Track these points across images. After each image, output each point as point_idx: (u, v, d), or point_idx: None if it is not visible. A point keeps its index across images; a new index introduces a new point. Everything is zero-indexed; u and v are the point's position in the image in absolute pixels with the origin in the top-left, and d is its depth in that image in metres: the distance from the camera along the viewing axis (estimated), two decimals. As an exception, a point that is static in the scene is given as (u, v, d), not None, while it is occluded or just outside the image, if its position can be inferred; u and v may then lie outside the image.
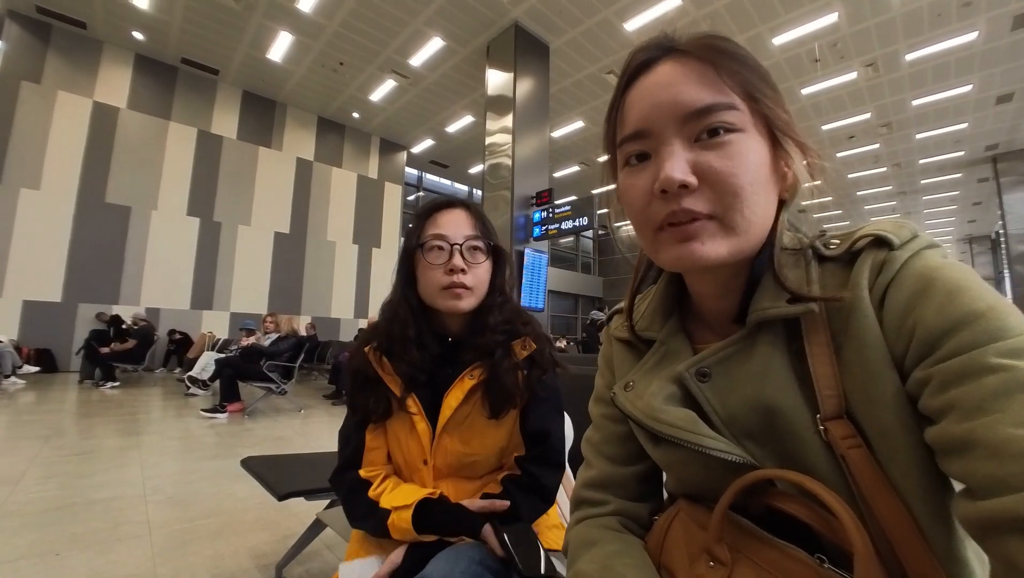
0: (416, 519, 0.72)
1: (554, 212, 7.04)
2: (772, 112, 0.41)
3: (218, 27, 7.92)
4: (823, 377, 0.39)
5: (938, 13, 6.88)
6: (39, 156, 7.80)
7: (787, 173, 0.43)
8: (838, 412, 0.38)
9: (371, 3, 7.10)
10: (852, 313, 0.38)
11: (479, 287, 0.82)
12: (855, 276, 0.39)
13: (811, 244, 0.43)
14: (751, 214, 0.39)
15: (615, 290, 18.91)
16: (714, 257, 0.40)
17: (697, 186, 0.39)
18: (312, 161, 10.99)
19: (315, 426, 4.28)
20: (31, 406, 4.69)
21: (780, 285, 0.41)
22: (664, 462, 0.50)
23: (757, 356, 0.43)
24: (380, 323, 0.86)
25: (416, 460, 0.81)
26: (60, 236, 7.94)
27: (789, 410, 0.40)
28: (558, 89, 8.90)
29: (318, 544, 1.71)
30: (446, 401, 0.79)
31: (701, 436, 0.42)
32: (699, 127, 0.39)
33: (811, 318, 0.40)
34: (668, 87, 0.40)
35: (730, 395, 0.44)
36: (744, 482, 0.40)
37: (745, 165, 0.39)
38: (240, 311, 9.46)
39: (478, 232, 0.83)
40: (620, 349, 0.58)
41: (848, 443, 0.37)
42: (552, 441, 0.81)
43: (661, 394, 0.46)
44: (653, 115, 0.41)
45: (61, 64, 8.05)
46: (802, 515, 0.38)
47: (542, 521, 0.82)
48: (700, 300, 0.50)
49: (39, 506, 2.07)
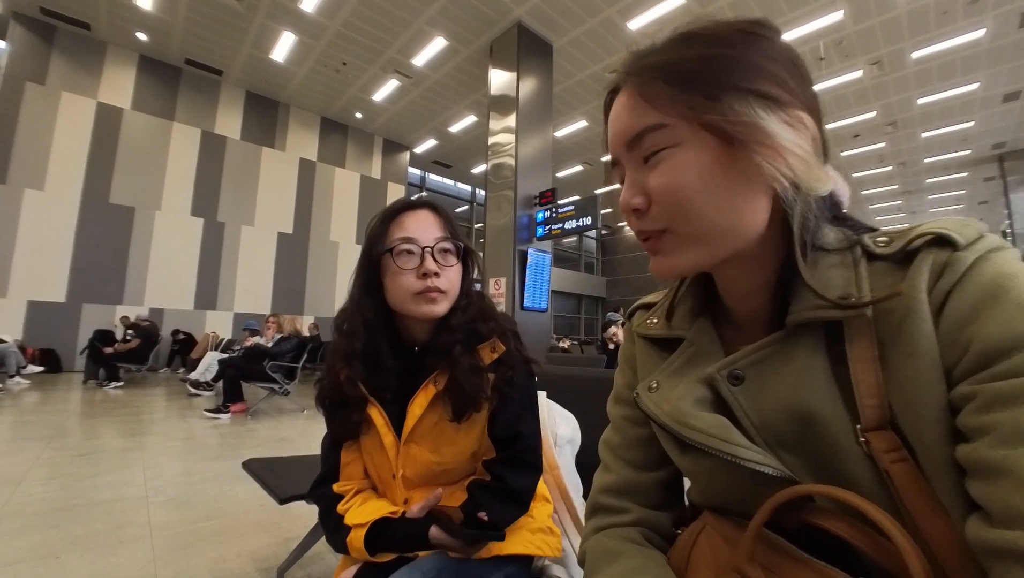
0: (370, 539, 0.70)
1: (557, 212, 7.01)
2: (713, 119, 0.38)
3: (221, 28, 7.93)
4: (866, 385, 0.36)
5: (944, 11, 6.83)
6: (43, 157, 7.83)
7: (761, 164, 0.38)
8: (881, 423, 0.35)
9: (373, 3, 7.10)
10: (907, 317, 0.35)
11: (452, 290, 0.79)
12: (912, 277, 0.35)
13: (859, 241, 0.40)
14: (706, 220, 0.39)
15: (618, 290, 18.88)
16: (675, 268, 0.42)
17: (647, 207, 0.41)
18: (315, 161, 11.01)
19: (318, 427, 4.25)
20: (35, 406, 4.70)
21: (821, 287, 0.38)
22: (690, 471, 0.47)
23: (796, 359, 0.40)
24: (333, 339, 0.82)
25: (387, 474, 0.78)
26: (64, 237, 7.98)
27: (828, 418, 0.37)
28: (561, 89, 8.88)
29: (320, 547, 1.69)
30: (410, 410, 0.76)
31: (735, 445, 0.39)
32: (641, 151, 0.42)
33: (857, 321, 0.38)
34: (616, 119, 0.44)
35: (764, 400, 0.41)
36: (782, 498, 0.37)
37: (683, 177, 0.39)
38: (244, 311, 9.48)
39: (447, 233, 0.80)
40: (644, 347, 0.55)
41: (892, 457, 0.35)
42: (523, 442, 0.77)
43: (690, 397, 0.44)
44: (614, 145, 0.44)
45: (65, 65, 8.08)
46: (846, 534, 0.35)
47: (524, 524, 0.79)
48: (728, 299, 0.48)
49: (41, 507, 2.06)
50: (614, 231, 19.55)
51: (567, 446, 1.03)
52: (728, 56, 0.39)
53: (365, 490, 0.80)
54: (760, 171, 0.38)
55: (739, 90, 0.38)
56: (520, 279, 6.86)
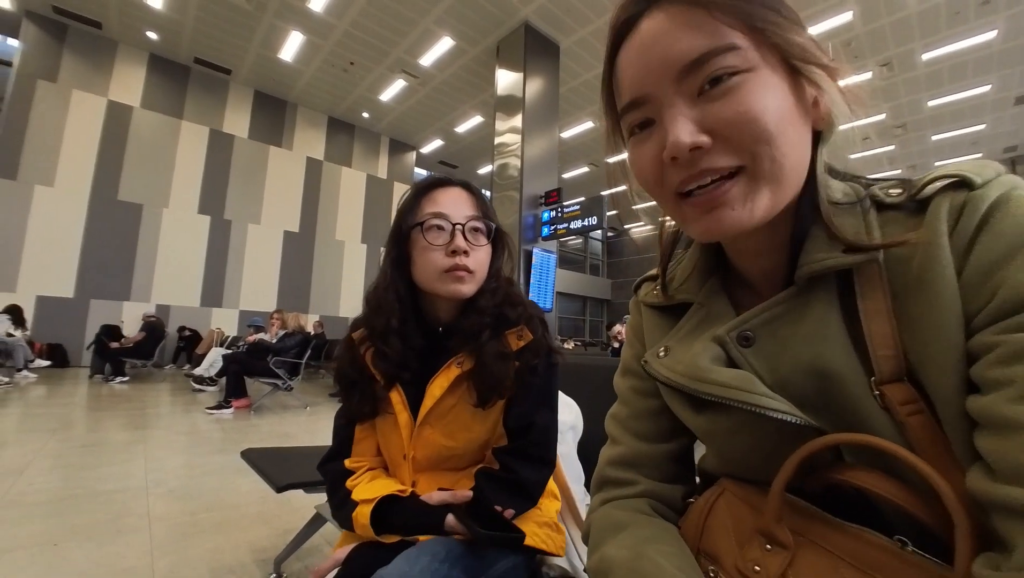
0: (376, 516, 0.68)
1: (563, 212, 6.99)
2: (784, 39, 0.35)
3: (230, 27, 7.98)
4: (879, 336, 0.35)
5: (956, 11, 6.76)
6: (54, 154, 7.90)
7: (818, 101, 0.38)
8: (896, 374, 0.34)
9: (381, 3, 7.12)
10: (926, 265, 0.33)
11: (480, 271, 0.76)
12: (931, 221, 0.33)
13: (869, 193, 0.39)
14: (782, 157, 0.35)
15: (624, 292, 18.80)
16: (747, 220, 0.36)
17: (711, 144, 0.35)
18: (322, 160, 11.05)
19: (321, 423, 4.26)
20: (41, 400, 4.73)
21: (833, 234, 0.37)
22: (707, 431, 0.45)
23: (810, 315, 0.38)
24: (364, 314, 0.80)
25: (397, 455, 0.76)
26: (73, 233, 8.04)
27: (843, 373, 0.36)
28: (568, 89, 8.86)
29: (318, 539, 1.67)
30: (429, 390, 0.74)
31: (759, 395, 0.37)
32: (699, 79, 0.35)
33: (867, 270, 0.36)
34: (657, 43, 0.36)
35: (779, 359, 0.39)
36: (811, 449, 0.35)
37: (762, 104, 0.34)
38: (249, 309, 9.51)
39: (479, 212, 0.77)
40: (651, 316, 0.53)
41: (908, 409, 0.33)
42: (536, 433, 0.74)
43: (706, 355, 0.42)
44: (646, 78, 0.37)
45: (76, 63, 8.16)
46: (881, 489, 0.33)
47: (531, 516, 0.76)
48: (738, 259, 0.45)
49: (41, 497, 2.06)
50: (620, 233, 19.49)
51: (569, 433, 1.01)
52: None
53: (376, 469, 0.78)
54: (813, 107, 0.37)
55: (793, 20, 0.37)
56: (525, 279, 6.84)
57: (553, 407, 0.80)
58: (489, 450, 0.77)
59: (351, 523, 0.69)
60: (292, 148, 10.59)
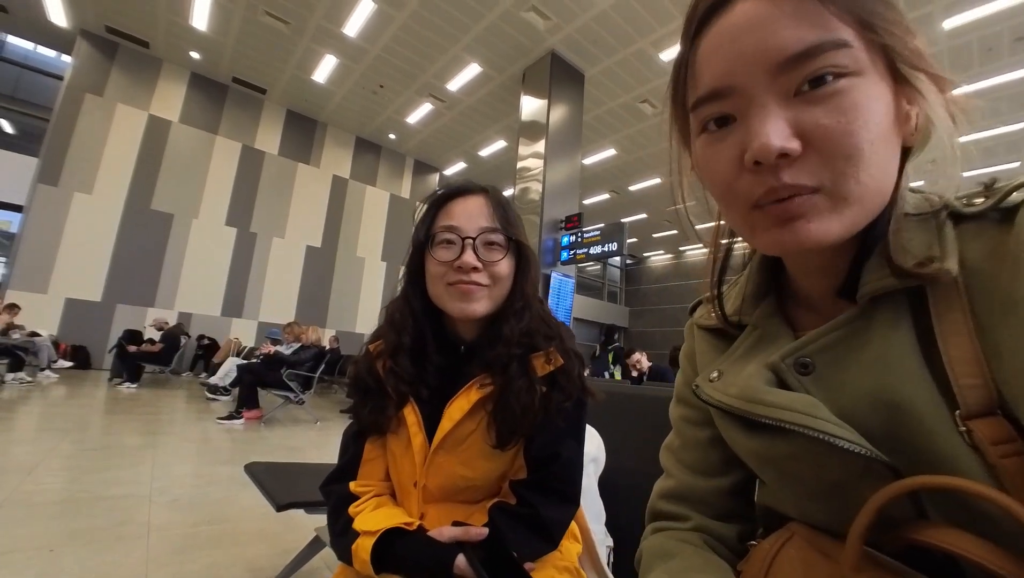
0: (377, 551, 0.60)
1: (583, 237, 6.96)
2: (897, 41, 0.31)
3: (268, 49, 8.33)
4: (961, 362, 0.30)
5: (989, 48, 6.67)
6: (94, 163, 8.25)
7: (911, 114, 0.33)
8: (987, 407, 0.29)
9: (412, 29, 7.36)
10: (1017, 278, 0.28)
11: (497, 287, 0.69)
12: (1020, 231, 0.29)
13: (945, 204, 0.34)
14: (868, 179, 0.31)
15: (642, 320, 18.54)
16: (823, 238, 0.32)
17: (800, 152, 0.30)
18: (347, 179, 11.31)
19: (330, 439, 4.20)
20: (59, 400, 4.79)
21: (897, 250, 0.33)
22: (761, 459, 0.39)
23: (875, 339, 0.33)
24: (381, 328, 0.75)
25: (407, 481, 0.69)
26: (106, 239, 8.31)
27: (919, 405, 0.31)
28: (591, 117, 8.95)
29: (318, 562, 1.60)
30: (447, 413, 0.67)
31: (822, 420, 0.32)
32: (799, 76, 0.30)
33: (944, 289, 0.31)
34: (754, 29, 0.31)
35: (841, 390, 0.34)
36: (891, 493, 0.30)
37: (864, 119, 0.30)
38: (268, 320, 9.62)
39: (496, 224, 0.69)
40: (704, 338, 0.49)
41: (1003, 449, 0.28)
42: (560, 467, 0.67)
43: (761, 378, 0.37)
44: (736, 68, 0.32)
45: (123, 79, 8.59)
46: (975, 555, 0.27)
47: (551, 560, 0.68)
48: (800, 277, 0.41)
49: (45, 498, 2.04)
50: (639, 260, 19.36)
51: (590, 465, 0.94)
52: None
53: (383, 494, 0.71)
54: (905, 121, 0.33)
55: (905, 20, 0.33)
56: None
57: (580, 439, 0.72)
58: (506, 482, 0.70)
59: (349, 556, 0.62)
60: (319, 166, 10.87)
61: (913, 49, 0.32)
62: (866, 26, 0.31)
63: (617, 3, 6.46)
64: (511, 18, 6.90)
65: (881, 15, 0.31)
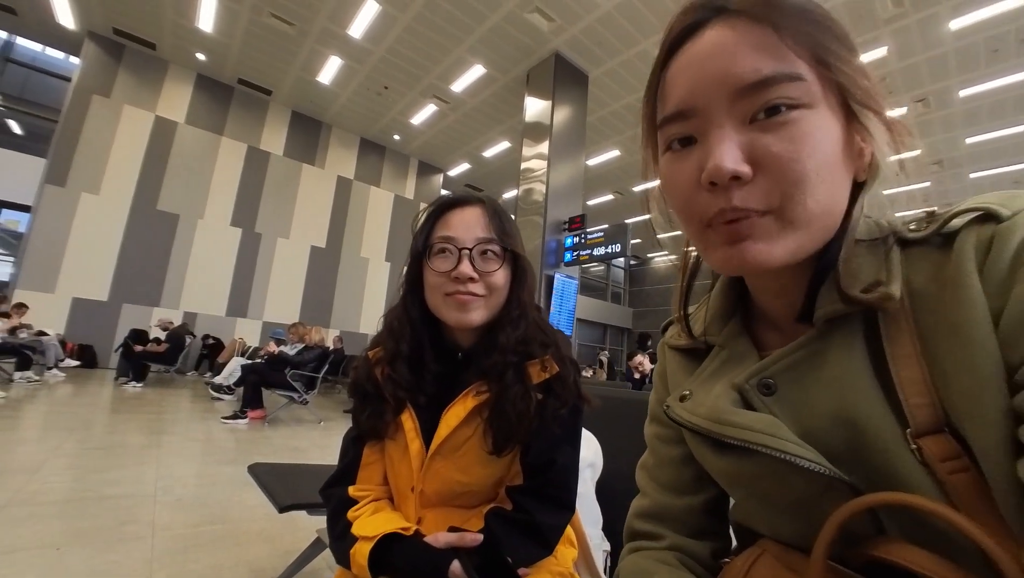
0: (375, 556, 0.61)
1: (586, 238, 6.96)
2: (848, 80, 0.33)
3: (273, 50, 8.38)
4: (910, 382, 0.32)
5: (995, 49, 6.62)
6: (101, 164, 8.32)
7: (863, 150, 0.35)
8: (934, 425, 0.31)
9: (416, 31, 7.38)
10: (956, 305, 0.30)
11: (493, 297, 0.70)
12: (958, 258, 0.31)
13: (893, 230, 0.36)
14: (815, 205, 0.33)
15: (645, 321, 18.50)
16: (769, 259, 0.34)
17: (751, 176, 0.33)
18: (352, 180, 11.35)
19: (333, 439, 4.22)
20: (66, 399, 4.83)
21: (845, 277, 0.35)
22: (729, 477, 0.41)
23: (832, 360, 0.35)
24: (380, 334, 0.77)
25: (405, 486, 0.70)
26: (113, 239, 8.39)
27: (874, 423, 0.32)
28: (595, 118, 8.95)
29: (320, 563, 1.61)
30: (444, 419, 0.68)
31: (783, 441, 0.34)
32: (755, 104, 0.33)
33: (893, 314, 0.33)
34: (717, 56, 0.34)
35: (803, 409, 0.36)
36: (850, 510, 0.31)
37: (811, 148, 0.32)
38: (272, 320, 9.67)
39: (493, 234, 0.70)
40: (675, 358, 0.51)
41: (950, 466, 0.30)
42: (556, 473, 0.68)
43: (727, 398, 0.39)
44: (699, 91, 0.34)
45: (130, 80, 8.66)
46: (929, 571, 0.28)
47: (544, 566, 0.69)
48: (761, 298, 0.43)
49: (50, 497, 2.06)
50: (643, 261, 19.32)
51: (587, 470, 0.94)
52: (840, 28, 0.35)
53: (381, 499, 0.73)
54: (858, 156, 0.35)
55: (857, 57, 0.35)
56: (545, 305, 6.78)
57: (576, 445, 0.73)
58: (501, 488, 0.71)
59: (348, 560, 0.64)
60: (324, 167, 10.92)
61: (863, 88, 0.34)
62: (820, 62, 0.33)
63: (621, 4, 6.46)
64: (515, 19, 6.91)
65: (835, 53, 0.33)
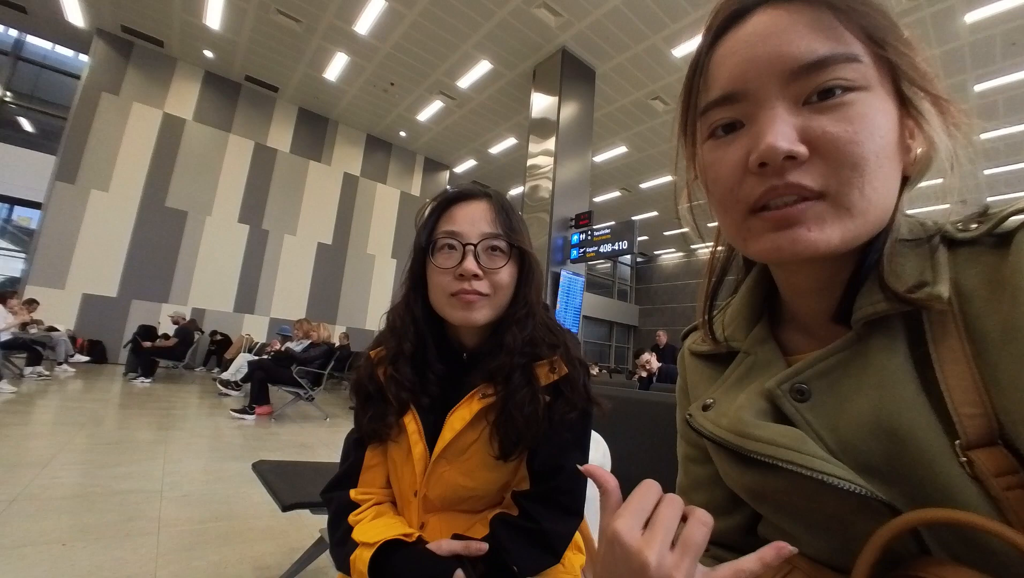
0: (375, 564, 0.59)
1: (593, 235, 6.92)
2: (905, 60, 0.32)
3: (280, 47, 8.39)
4: (959, 390, 0.29)
5: (1012, 42, 6.48)
6: (111, 161, 8.39)
7: (910, 144, 0.34)
8: (987, 437, 0.28)
9: (423, 27, 7.36)
10: (1014, 306, 0.28)
11: (498, 295, 0.67)
12: (1015, 259, 0.29)
13: (939, 229, 0.34)
14: (872, 192, 0.31)
15: (651, 319, 18.42)
16: (823, 245, 0.31)
17: (807, 157, 0.31)
18: (358, 176, 11.37)
19: (340, 435, 4.23)
20: (76, 394, 4.89)
21: (890, 276, 0.33)
22: (754, 492, 0.38)
23: (872, 365, 0.33)
24: (382, 333, 0.74)
25: (407, 490, 0.68)
26: (122, 235, 8.46)
27: (918, 434, 0.30)
28: (602, 114, 8.88)
29: (324, 561, 1.60)
30: (448, 422, 0.65)
31: (809, 456, 0.31)
32: (809, 86, 0.31)
33: (938, 314, 0.32)
34: (769, 37, 0.32)
35: (839, 417, 0.33)
36: (894, 529, 0.28)
37: (870, 130, 0.30)
38: (280, 317, 9.73)
39: (499, 229, 0.68)
40: (696, 366, 0.48)
41: (1006, 481, 0.27)
42: (562, 480, 0.65)
43: (752, 408, 0.36)
44: (749, 73, 0.33)
45: (138, 78, 8.72)
46: None
47: (554, 574, 0.67)
48: (795, 298, 0.40)
49: (59, 492, 2.07)
50: (650, 259, 19.22)
51: (594, 471, 0.92)
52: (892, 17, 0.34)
53: (383, 503, 0.70)
54: (906, 151, 0.34)
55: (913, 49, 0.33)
56: (552, 302, 6.76)
57: (585, 450, 0.70)
58: (507, 493, 0.68)
59: (348, 566, 0.61)
60: (331, 163, 10.95)
61: (919, 69, 0.32)
62: (876, 42, 0.31)
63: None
64: (522, 15, 6.86)
65: (891, 32, 0.32)
